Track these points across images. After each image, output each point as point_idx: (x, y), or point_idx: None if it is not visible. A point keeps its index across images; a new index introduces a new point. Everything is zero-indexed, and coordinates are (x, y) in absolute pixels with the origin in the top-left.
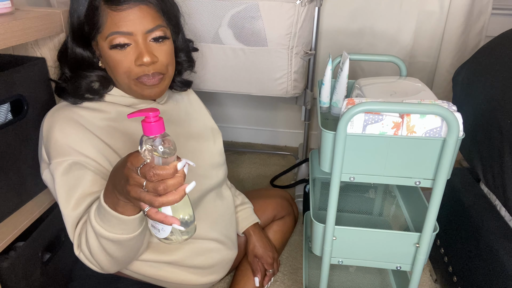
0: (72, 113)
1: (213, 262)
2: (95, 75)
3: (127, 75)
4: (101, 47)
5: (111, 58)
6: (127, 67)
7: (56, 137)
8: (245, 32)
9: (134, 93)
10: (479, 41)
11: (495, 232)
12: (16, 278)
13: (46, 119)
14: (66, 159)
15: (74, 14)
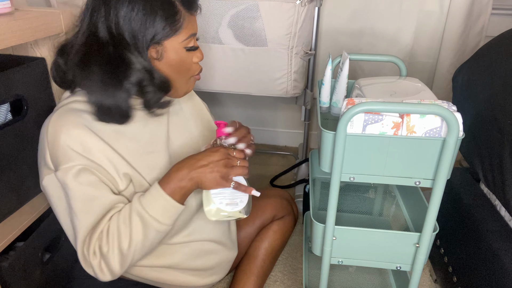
0: (79, 117)
1: (213, 264)
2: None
3: (188, 73)
4: (169, 49)
5: (181, 59)
6: (190, 64)
7: (63, 142)
8: (245, 32)
9: (184, 90)
10: (479, 41)
11: (495, 232)
12: (16, 278)
13: (51, 123)
14: (75, 164)
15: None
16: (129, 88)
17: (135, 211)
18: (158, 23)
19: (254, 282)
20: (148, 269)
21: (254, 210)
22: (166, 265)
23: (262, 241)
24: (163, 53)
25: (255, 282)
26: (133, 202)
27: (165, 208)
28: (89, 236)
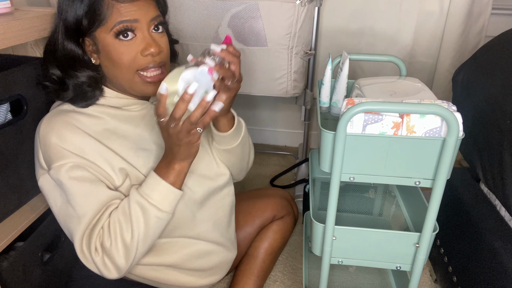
0: (69, 117)
1: (213, 264)
2: (86, 75)
3: (131, 67)
4: (101, 40)
5: (115, 50)
6: (132, 58)
7: (54, 141)
8: (245, 32)
9: (133, 88)
10: (479, 41)
11: (495, 232)
12: (16, 278)
13: (42, 125)
14: (67, 161)
15: (69, 9)
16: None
17: (134, 201)
18: (76, 10)
19: (254, 282)
20: (148, 268)
21: (254, 210)
22: (167, 264)
23: (262, 241)
24: (99, 44)
25: (255, 282)
26: (131, 193)
27: (163, 194)
28: (88, 232)
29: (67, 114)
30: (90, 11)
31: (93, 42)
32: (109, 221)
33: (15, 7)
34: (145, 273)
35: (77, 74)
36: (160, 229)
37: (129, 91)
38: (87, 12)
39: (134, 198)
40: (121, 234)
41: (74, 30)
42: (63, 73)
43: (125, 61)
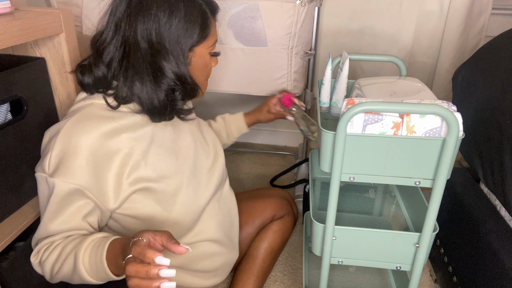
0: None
1: (217, 266)
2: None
3: (207, 76)
4: (198, 54)
5: (205, 63)
6: (210, 68)
7: (69, 155)
8: (245, 32)
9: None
10: (479, 41)
11: (495, 232)
12: (16, 278)
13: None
14: (71, 182)
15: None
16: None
17: (74, 252)
18: (196, 31)
19: (254, 282)
20: None
21: (254, 210)
22: (173, 265)
23: (262, 241)
24: (192, 58)
25: (255, 282)
26: (82, 244)
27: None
28: (44, 237)
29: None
30: (205, 29)
31: (189, 55)
32: (56, 245)
33: (15, 7)
34: None
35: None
36: (81, 283)
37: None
38: (203, 30)
39: (78, 249)
40: (52, 264)
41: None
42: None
43: (205, 72)
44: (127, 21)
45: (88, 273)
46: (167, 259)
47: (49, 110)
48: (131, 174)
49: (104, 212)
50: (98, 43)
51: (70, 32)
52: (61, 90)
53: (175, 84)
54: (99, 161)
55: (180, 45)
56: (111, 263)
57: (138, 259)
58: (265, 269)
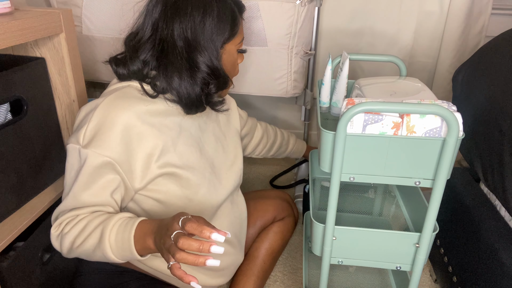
0: (132, 104)
1: (224, 265)
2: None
3: (234, 72)
4: (228, 51)
5: (233, 60)
6: (236, 65)
7: (106, 128)
8: (245, 32)
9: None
10: (479, 41)
11: (495, 232)
12: (16, 278)
13: (104, 103)
14: (104, 154)
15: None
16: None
17: (101, 227)
18: (227, 28)
19: (254, 283)
20: (160, 261)
21: (255, 211)
22: None
23: (263, 242)
24: (222, 54)
25: (255, 282)
26: (110, 220)
27: (123, 248)
28: (68, 209)
29: (131, 100)
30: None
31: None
32: (81, 219)
33: (15, 7)
34: (159, 266)
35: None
36: (102, 260)
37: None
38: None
39: (106, 225)
40: (74, 237)
41: (220, 46)
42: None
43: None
44: (164, 21)
45: (113, 251)
46: (222, 236)
47: (49, 110)
48: (160, 158)
49: (129, 191)
50: (134, 41)
51: (70, 32)
52: (61, 90)
53: (210, 77)
54: (132, 139)
55: (214, 42)
56: (138, 243)
57: (190, 234)
58: (266, 270)
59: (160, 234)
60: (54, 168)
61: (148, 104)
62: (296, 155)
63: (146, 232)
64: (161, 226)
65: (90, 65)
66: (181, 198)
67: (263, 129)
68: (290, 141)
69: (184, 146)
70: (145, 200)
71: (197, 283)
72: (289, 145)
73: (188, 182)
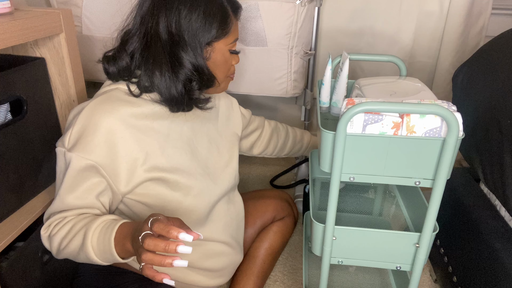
0: (117, 107)
1: (223, 266)
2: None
3: (227, 73)
4: (218, 50)
5: (225, 60)
6: (230, 66)
7: (89, 132)
8: (245, 32)
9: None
10: (479, 41)
11: (495, 232)
12: (16, 278)
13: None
14: (87, 158)
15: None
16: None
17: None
18: (215, 26)
19: (254, 282)
20: None
21: (255, 211)
22: None
23: (262, 241)
24: (212, 53)
25: (255, 282)
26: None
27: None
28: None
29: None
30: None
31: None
32: (68, 221)
33: (15, 7)
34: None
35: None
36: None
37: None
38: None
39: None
40: (60, 240)
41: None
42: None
43: (225, 69)
44: (150, 14)
45: (95, 253)
46: (190, 236)
47: (49, 110)
48: (146, 162)
49: (116, 194)
50: (123, 35)
51: (70, 32)
52: (61, 90)
53: (192, 74)
54: (116, 143)
55: (198, 38)
56: (118, 245)
57: (158, 235)
58: (266, 270)
59: (133, 236)
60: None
61: (134, 107)
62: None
63: (125, 234)
64: (135, 229)
65: (90, 65)
66: (171, 201)
67: (272, 128)
68: (304, 140)
69: (173, 149)
70: (134, 204)
71: (169, 279)
72: (304, 143)
73: (177, 184)
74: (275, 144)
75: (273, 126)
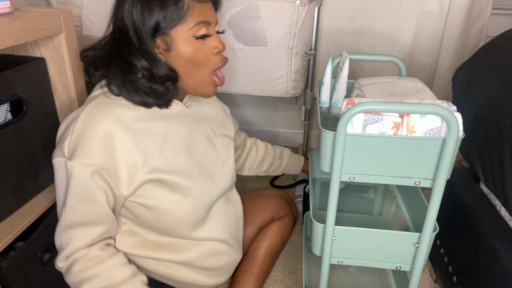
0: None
1: (222, 264)
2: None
3: (207, 65)
4: (177, 38)
5: (192, 48)
6: (205, 56)
7: (88, 136)
8: (245, 32)
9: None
10: (479, 41)
11: (495, 232)
12: (16, 278)
13: (83, 113)
14: (90, 163)
15: (148, 8)
16: (140, 81)
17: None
18: (157, 12)
19: (254, 282)
20: (158, 263)
21: (254, 210)
22: (178, 261)
23: (262, 241)
24: (172, 43)
25: (254, 282)
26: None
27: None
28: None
29: (110, 107)
30: (170, 11)
31: (165, 41)
32: (92, 264)
33: (15, 7)
34: (156, 268)
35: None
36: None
37: (191, 90)
38: (168, 12)
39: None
40: (81, 281)
41: (152, 30)
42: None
43: (199, 59)
44: (112, 9)
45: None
46: None
47: (49, 110)
48: (146, 164)
49: (118, 198)
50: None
51: (70, 32)
52: (61, 90)
53: (144, 69)
54: (116, 146)
55: (146, 26)
56: None
57: None
58: (265, 269)
59: None
60: None
61: (130, 110)
62: (293, 171)
63: None
64: None
65: None
66: (171, 202)
67: (252, 143)
68: (283, 156)
69: (171, 151)
70: (135, 207)
71: None
72: (283, 160)
73: (177, 186)
74: (253, 158)
75: (252, 141)
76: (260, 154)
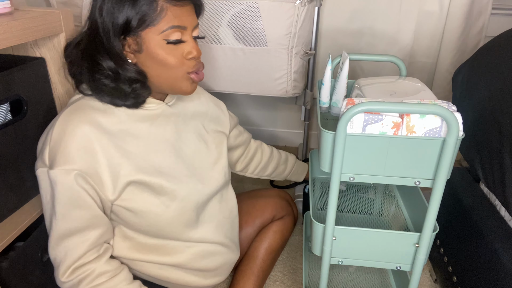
0: (88, 116)
1: (217, 265)
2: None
3: (180, 69)
4: (148, 40)
5: (163, 52)
6: (178, 61)
7: (66, 142)
8: (245, 32)
9: (177, 86)
10: (479, 41)
11: (495, 232)
12: (16, 278)
13: (59, 120)
14: (71, 168)
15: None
16: (104, 81)
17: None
18: (127, 11)
19: (254, 282)
20: (154, 266)
21: (254, 210)
22: (172, 263)
23: (262, 241)
24: (142, 45)
25: (254, 282)
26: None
27: None
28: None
29: (86, 111)
30: (142, 11)
31: (136, 41)
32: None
33: (15, 7)
34: (151, 271)
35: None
36: None
37: (167, 90)
38: (139, 12)
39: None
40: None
41: (121, 29)
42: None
43: (171, 63)
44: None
45: None
46: None
47: (49, 110)
48: (128, 167)
49: (105, 202)
50: None
51: (70, 32)
52: (61, 90)
53: (109, 69)
54: (96, 150)
55: (114, 26)
56: None
57: None
58: (265, 269)
59: None
60: None
61: (107, 114)
62: (296, 177)
63: None
64: None
65: None
66: (158, 205)
67: (257, 145)
68: (288, 161)
69: (155, 153)
70: (120, 211)
71: None
72: (288, 165)
73: (162, 189)
74: (258, 162)
75: (257, 144)
76: (265, 157)
